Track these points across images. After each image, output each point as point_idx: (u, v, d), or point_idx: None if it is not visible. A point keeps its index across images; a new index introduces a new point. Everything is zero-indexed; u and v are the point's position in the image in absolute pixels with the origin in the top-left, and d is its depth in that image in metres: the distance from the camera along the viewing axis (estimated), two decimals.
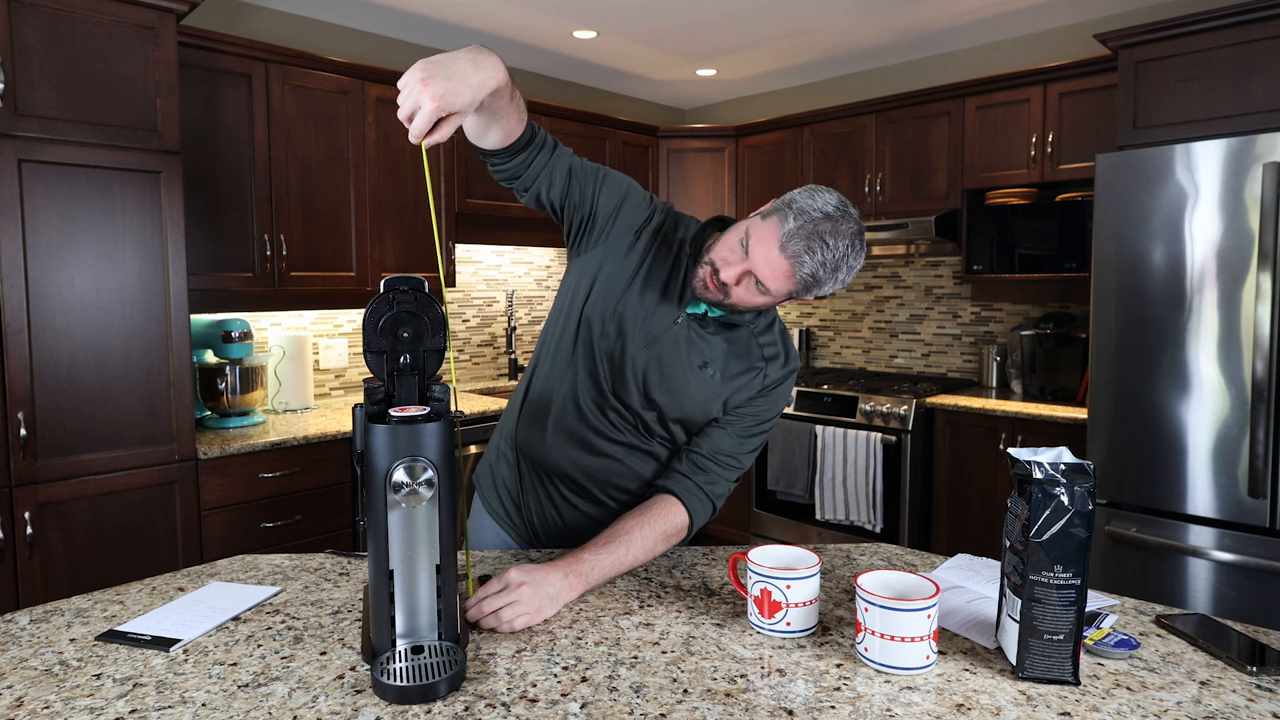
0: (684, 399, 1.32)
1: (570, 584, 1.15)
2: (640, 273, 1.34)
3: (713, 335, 1.34)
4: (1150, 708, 0.88)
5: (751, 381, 1.35)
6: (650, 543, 1.26)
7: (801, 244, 1.16)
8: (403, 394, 1.02)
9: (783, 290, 1.20)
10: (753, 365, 1.35)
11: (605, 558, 1.20)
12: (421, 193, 3.39)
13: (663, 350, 1.32)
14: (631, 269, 1.35)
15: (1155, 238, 2.46)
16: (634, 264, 1.35)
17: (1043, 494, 0.93)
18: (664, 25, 3.54)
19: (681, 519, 1.30)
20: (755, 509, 3.91)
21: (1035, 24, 3.55)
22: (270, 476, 2.65)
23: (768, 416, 1.38)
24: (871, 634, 0.96)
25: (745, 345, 1.36)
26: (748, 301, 1.24)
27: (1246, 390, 2.30)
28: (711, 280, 1.24)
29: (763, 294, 1.22)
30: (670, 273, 1.35)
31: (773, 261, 1.17)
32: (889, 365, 4.24)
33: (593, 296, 1.36)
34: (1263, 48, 2.48)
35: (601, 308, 1.34)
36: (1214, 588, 2.38)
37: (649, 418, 1.35)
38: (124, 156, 2.32)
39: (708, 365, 1.32)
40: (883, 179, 3.80)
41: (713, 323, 1.34)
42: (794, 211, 1.17)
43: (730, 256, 1.22)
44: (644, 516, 1.27)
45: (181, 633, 1.06)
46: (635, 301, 1.33)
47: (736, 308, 1.27)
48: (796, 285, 1.19)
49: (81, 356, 2.27)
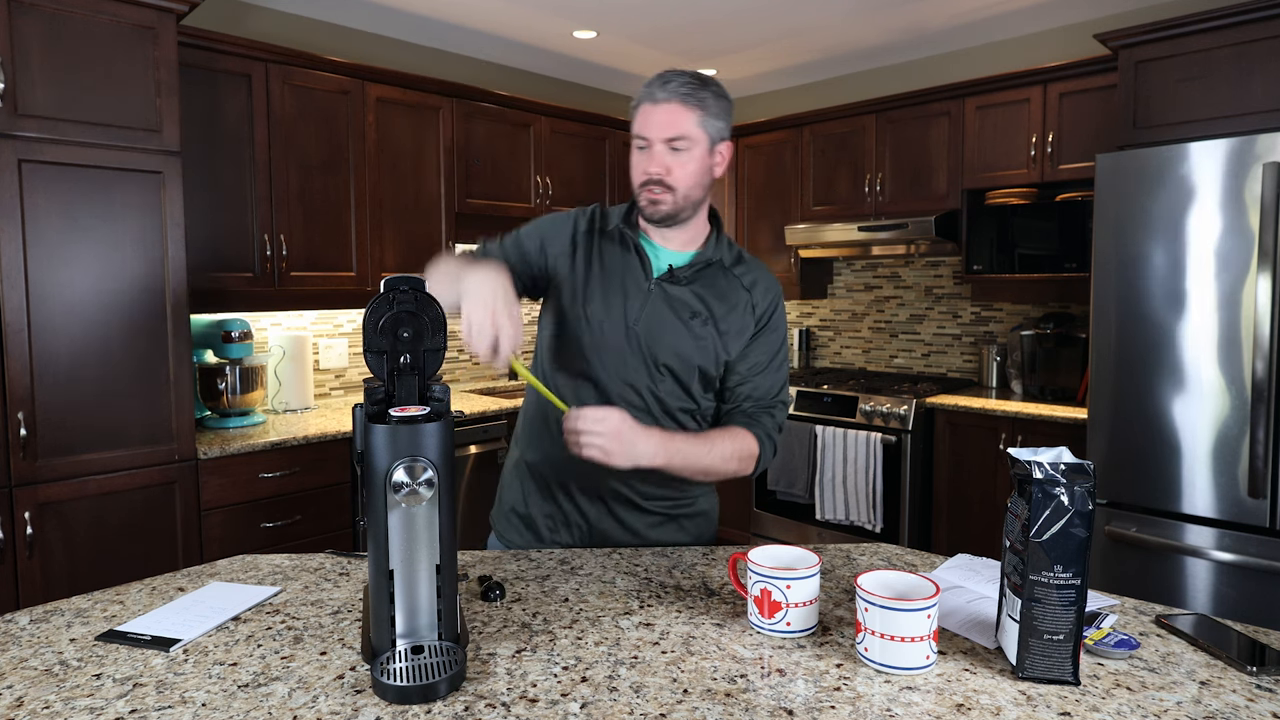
0: (690, 351, 1.37)
1: (654, 452, 1.25)
2: (593, 269, 1.42)
3: (689, 286, 1.40)
4: (1150, 708, 0.88)
5: (744, 315, 1.41)
6: (727, 452, 1.34)
7: (671, 86, 1.32)
8: (403, 394, 1.02)
9: (691, 127, 1.32)
10: (737, 298, 1.41)
11: (690, 446, 1.30)
12: (422, 192, 3.39)
13: (648, 317, 1.38)
14: (582, 273, 1.42)
15: (1155, 238, 2.46)
16: (583, 268, 1.43)
17: (1043, 494, 0.93)
18: (664, 25, 3.54)
19: (752, 444, 1.38)
20: (755, 509, 3.91)
21: (1035, 24, 3.55)
22: (270, 476, 2.65)
23: (779, 343, 1.45)
24: (871, 634, 0.96)
25: (723, 283, 1.42)
26: (686, 172, 1.34)
27: (1246, 390, 2.30)
28: (650, 191, 1.35)
29: (684, 147, 1.33)
30: (623, 254, 1.42)
31: (665, 112, 1.32)
32: (889, 365, 4.24)
33: (563, 316, 1.42)
34: (1263, 48, 2.48)
35: (573, 318, 1.41)
36: (1214, 588, 2.38)
37: (663, 390, 1.39)
38: (124, 156, 2.32)
39: (697, 315, 1.38)
40: (883, 179, 3.80)
41: (684, 275, 1.40)
42: (644, 88, 1.35)
43: (642, 158, 1.36)
44: (722, 431, 1.37)
45: (181, 633, 1.06)
46: (599, 294, 1.40)
47: (687, 195, 1.35)
48: (695, 112, 1.32)
49: (81, 356, 2.27)
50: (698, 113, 1.33)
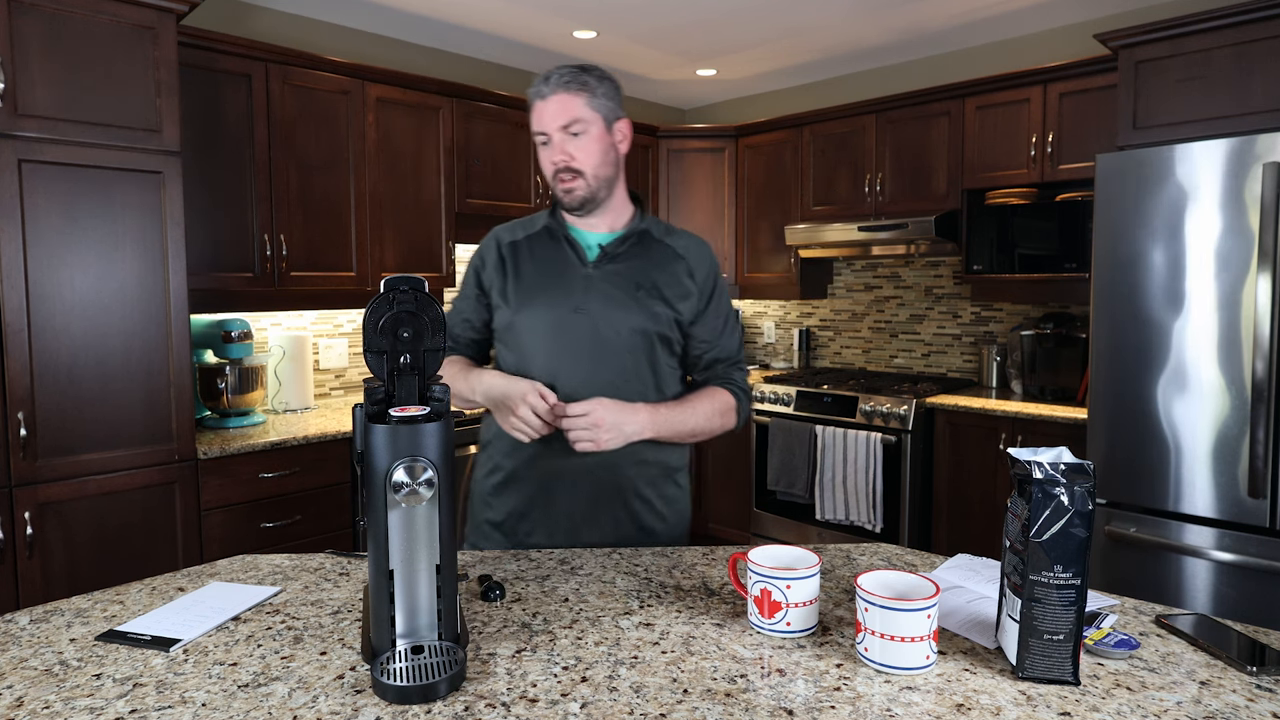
0: (644, 322, 1.44)
1: (642, 426, 1.34)
2: (525, 270, 1.49)
3: (627, 261, 1.47)
4: (1150, 708, 0.88)
5: (685, 280, 1.48)
6: (709, 410, 1.45)
7: (553, 79, 1.40)
8: (403, 394, 1.02)
9: (581, 110, 1.40)
10: (675, 265, 1.48)
11: (674, 412, 1.40)
12: (422, 192, 3.39)
13: (594, 300, 1.44)
14: (514, 278, 1.49)
15: (1155, 238, 2.46)
16: (513, 273, 1.50)
17: (1043, 494, 0.93)
18: (664, 25, 3.54)
19: (728, 398, 1.48)
20: (755, 509, 3.91)
21: (1035, 24, 3.55)
22: (270, 476, 2.65)
23: (728, 306, 1.54)
24: (871, 634, 0.96)
25: (658, 253, 1.49)
26: (588, 153, 1.41)
27: (1246, 390, 2.30)
28: (559, 179, 1.43)
29: (580, 130, 1.41)
30: (555, 247, 1.49)
31: (554, 103, 1.40)
32: (889, 365, 4.24)
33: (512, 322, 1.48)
34: (1263, 48, 2.48)
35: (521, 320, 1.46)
36: (1214, 588, 2.38)
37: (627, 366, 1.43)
38: (124, 156, 2.32)
39: (641, 287, 1.45)
40: (883, 179, 3.80)
41: (616, 251, 1.47)
42: (531, 90, 1.43)
43: (546, 153, 1.44)
44: (699, 393, 1.47)
45: (181, 633, 1.06)
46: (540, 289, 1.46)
47: (596, 175, 1.43)
48: (581, 96, 1.40)
49: (81, 356, 2.27)
50: (584, 96, 1.40)
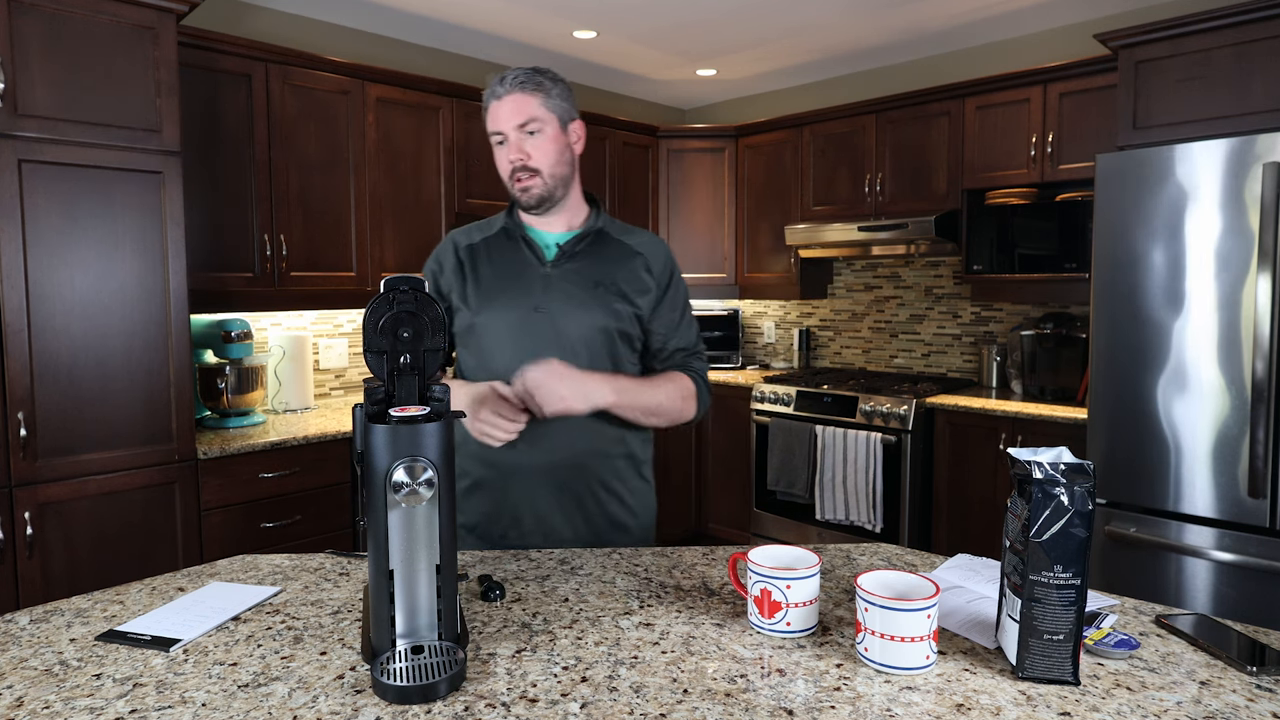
0: (605, 319, 1.46)
1: (603, 389, 1.35)
2: (484, 272, 1.50)
3: (585, 259, 1.49)
4: (1150, 708, 0.88)
5: (643, 275, 1.50)
6: (670, 390, 1.46)
7: (508, 80, 1.42)
8: (403, 394, 1.02)
9: (537, 109, 1.42)
10: (632, 262, 1.51)
11: (635, 384, 1.41)
12: (422, 192, 3.39)
13: (553, 299, 1.46)
14: (473, 280, 1.50)
15: (1155, 238, 2.46)
16: (472, 276, 1.51)
17: (1043, 494, 0.93)
18: (664, 25, 3.54)
19: (689, 383, 1.50)
20: (755, 509, 3.91)
21: (1035, 24, 3.55)
22: (270, 476, 2.65)
23: (685, 299, 1.57)
24: (871, 634, 0.96)
25: (615, 251, 1.51)
26: (545, 152, 1.43)
27: (1246, 390, 2.30)
28: (516, 179, 1.44)
29: (537, 129, 1.42)
30: (513, 249, 1.51)
31: (510, 103, 1.41)
32: (889, 365, 4.24)
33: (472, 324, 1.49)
34: (1263, 48, 2.48)
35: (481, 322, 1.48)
36: (1214, 588, 2.38)
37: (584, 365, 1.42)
38: (124, 156, 2.32)
39: (600, 284, 1.47)
40: (883, 179, 3.80)
41: (574, 249, 1.49)
42: (486, 92, 1.44)
43: (503, 152, 1.45)
44: (659, 376, 1.49)
45: (181, 633, 1.06)
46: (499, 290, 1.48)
47: (552, 174, 1.45)
48: (537, 96, 1.42)
49: (81, 356, 2.27)
50: (539, 96, 1.42)
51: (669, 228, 4.47)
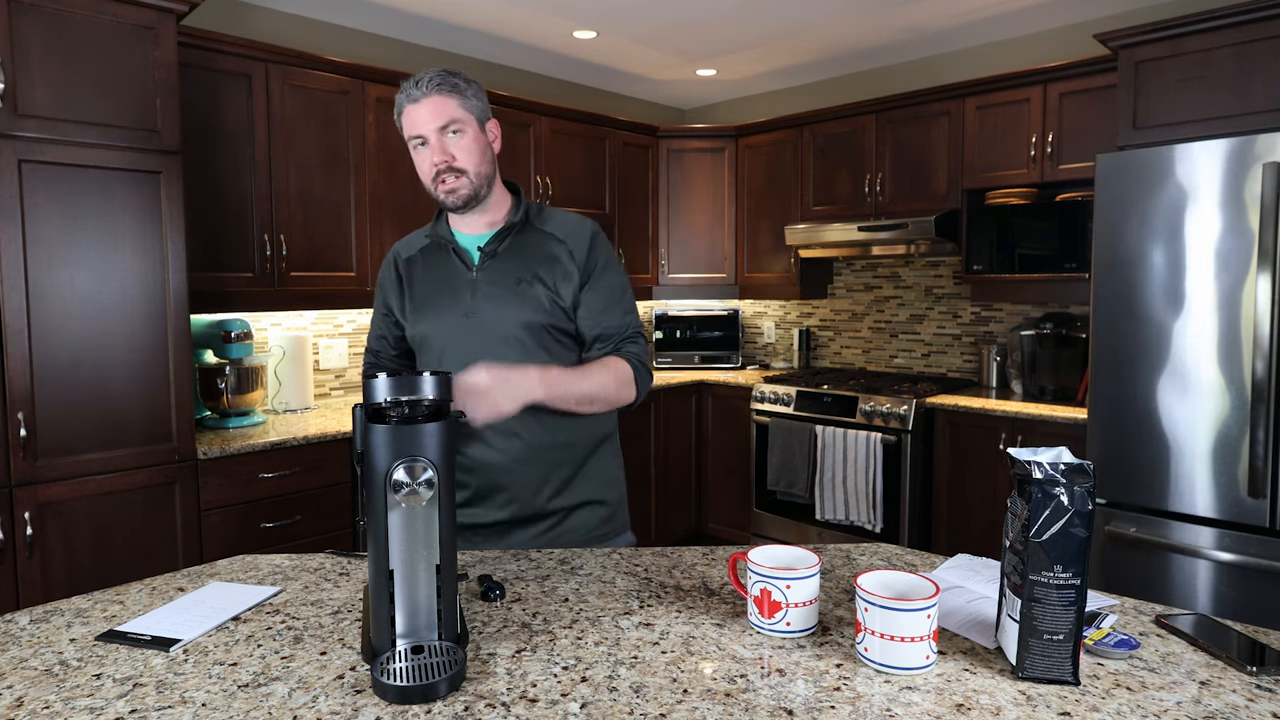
0: (529, 314, 1.46)
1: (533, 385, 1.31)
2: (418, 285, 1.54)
3: (507, 257, 1.50)
4: (1150, 708, 0.88)
5: (567, 263, 1.49)
6: (604, 378, 1.43)
7: (423, 83, 1.41)
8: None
9: (457, 110, 1.42)
10: (555, 250, 1.50)
11: (566, 375, 1.38)
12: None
13: (480, 301, 1.48)
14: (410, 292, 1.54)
15: (1155, 238, 2.46)
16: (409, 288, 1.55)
17: (1042, 494, 0.93)
18: (664, 25, 3.54)
19: (625, 367, 1.47)
20: (755, 509, 3.91)
21: (1035, 24, 3.55)
22: (270, 476, 2.65)
23: (614, 281, 1.53)
24: (871, 634, 0.96)
25: (537, 241, 1.51)
26: (469, 152, 1.44)
27: (1246, 390, 2.30)
28: (440, 181, 1.44)
29: (457, 129, 1.43)
30: (444, 259, 1.53)
31: (428, 105, 1.41)
32: (889, 365, 4.24)
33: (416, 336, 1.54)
34: (1263, 48, 2.48)
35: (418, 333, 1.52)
36: (1214, 588, 2.38)
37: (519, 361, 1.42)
38: (124, 156, 2.32)
39: (523, 280, 1.47)
40: (883, 179, 3.80)
41: (495, 249, 1.50)
42: (399, 96, 1.44)
43: (425, 155, 1.44)
44: (595, 363, 1.46)
45: (181, 633, 1.06)
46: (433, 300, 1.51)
47: (478, 173, 1.45)
48: (455, 97, 1.42)
49: (81, 356, 2.27)
50: (457, 98, 1.43)
51: (669, 228, 4.47)
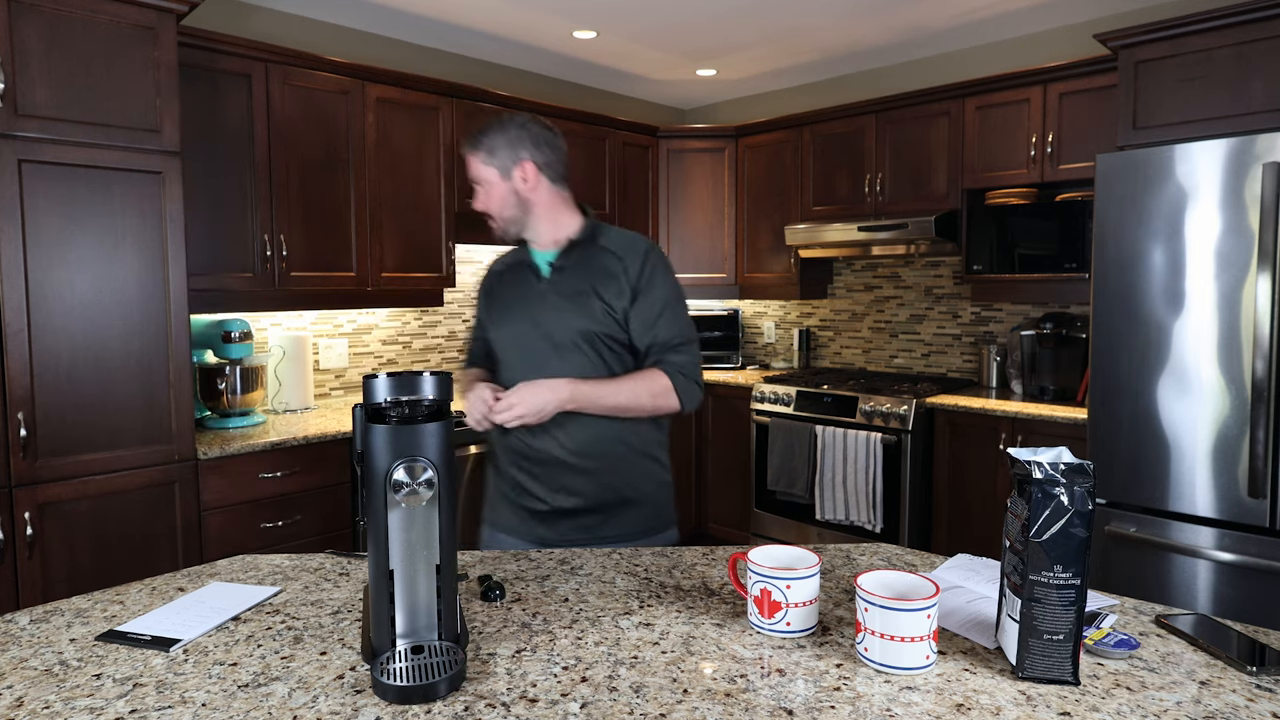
0: (584, 323, 1.60)
1: (560, 397, 1.51)
2: (500, 297, 1.73)
3: (572, 271, 1.65)
4: (1150, 708, 0.88)
5: (621, 280, 1.62)
6: (636, 389, 1.57)
7: (467, 144, 1.67)
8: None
9: (479, 170, 1.65)
10: (614, 267, 1.63)
11: (596, 386, 1.54)
12: (421, 193, 3.39)
13: (546, 310, 1.63)
14: (495, 303, 1.74)
15: (1155, 238, 2.46)
16: (495, 299, 1.74)
17: (1042, 494, 0.93)
18: (664, 25, 3.54)
19: (662, 378, 1.58)
20: (755, 509, 3.91)
21: (1035, 24, 3.55)
22: (270, 476, 2.65)
23: (665, 295, 1.63)
24: (871, 634, 0.96)
25: (599, 259, 1.65)
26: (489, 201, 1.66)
27: (1246, 390, 2.30)
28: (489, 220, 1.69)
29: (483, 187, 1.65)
30: (522, 273, 1.71)
31: (469, 164, 1.66)
32: (889, 365, 4.24)
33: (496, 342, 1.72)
34: (1263, 48, 2.48)
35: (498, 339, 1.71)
36: (1214, 588, 2.38)
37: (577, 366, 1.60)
38: (124, 156, 2.32)
39: (582, 292, 1.62)
40: (883, 179, 3.80)
41: (560, 264, 1.65)
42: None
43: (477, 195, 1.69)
44: (634, 374, 1.60)
45: (181, 633, 1.06)
46: (510, 310, 1.69)
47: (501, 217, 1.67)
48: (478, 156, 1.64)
49: (81, 356, 2.27)
50: (480, 155, 1.64)
51: (669, 228, 4.47)
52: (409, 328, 3.77)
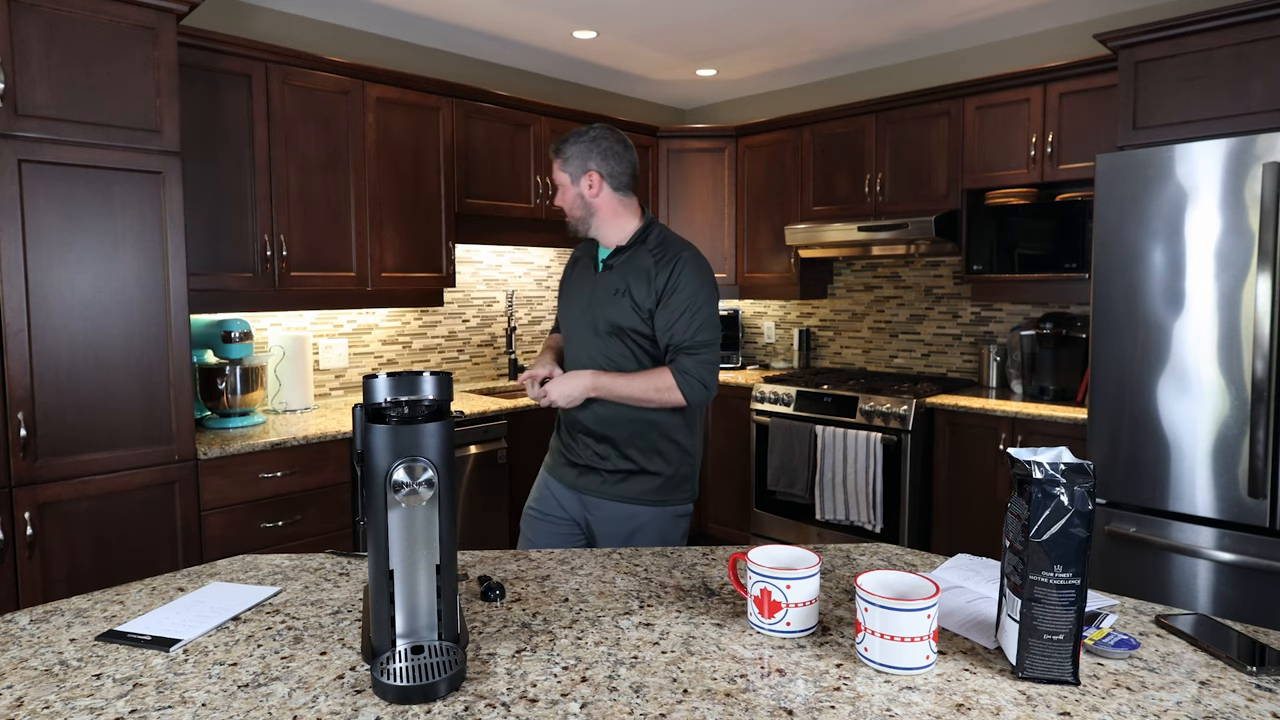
0: (615, 316, 1.84)
1: (584, 386, 1.78)
2: (571, 282, 2.00)
3: (618, 270, 1.86)
4: (1150, 708, 0.88)
5: (652, 283, 1.82)
6: (644, 384, 1.78)
7: (552, 149, 1.91)
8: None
9: (557, 174, 1.90)
10: (647, 271, 1.83)
11: (613, 379, 1.79)
12: (421, 193, 3.39)
13: (594, 299, 1.89)
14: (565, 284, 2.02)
15: (1155, 238, 2.46)
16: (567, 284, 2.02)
17: (1043, 494, 0.93)
18: (664, 25, 3.54)
19: (668, 376, 1.78)
20: (755, 509, 3.91)
21: (1035, 24, 3.55)
22: (270, 477, 2.65)
23: (686, 300, 1.80)
24: (871, 634, 0.96)
25: (640, 262, 1.85)
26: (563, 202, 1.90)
27: (1246, 390, 2.30)
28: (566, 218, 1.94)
29: (559, 187, 1.91)
30: (589, 262, 1.96)
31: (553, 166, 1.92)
32: (889, 365, 4.24)
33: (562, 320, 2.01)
34: (1263, 48, 2.48)
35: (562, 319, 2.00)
36: (1214, 588, 2.38)
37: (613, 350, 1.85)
38: (124, 156, 2.32)
39: (618, 291, 1.84)
40: (883, 179, 3.80)
41: (611, 263, 1.88)
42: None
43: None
44: (646, 370, 1.82)
45: (181, 633, 1.06)
46: (574, 295, 1.96)
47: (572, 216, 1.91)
48: (557, 162, 1.90)
49: (81, 356, 2.27)
50: (558, 161, 1.90)
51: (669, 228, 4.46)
52: (409, 328, 3.77)
